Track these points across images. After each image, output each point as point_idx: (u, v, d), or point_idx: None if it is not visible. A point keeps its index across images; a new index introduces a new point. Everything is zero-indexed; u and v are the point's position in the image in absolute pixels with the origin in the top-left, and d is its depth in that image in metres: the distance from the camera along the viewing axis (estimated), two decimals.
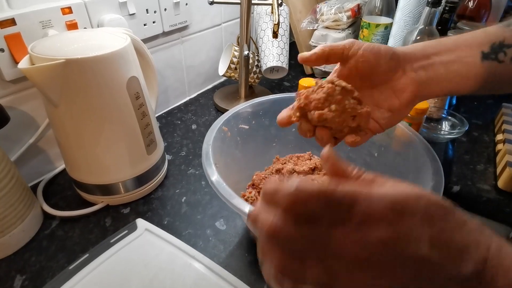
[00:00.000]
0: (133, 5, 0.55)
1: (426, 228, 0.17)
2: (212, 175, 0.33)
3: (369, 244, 0.17)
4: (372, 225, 0.17)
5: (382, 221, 0.17)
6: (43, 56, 0.36)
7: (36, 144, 0.50)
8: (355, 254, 0.17)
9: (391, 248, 0.16)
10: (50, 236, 0.44)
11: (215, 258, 0.41)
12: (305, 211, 0.17)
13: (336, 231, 0.17)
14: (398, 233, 0.16)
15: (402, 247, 0.16)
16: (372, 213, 0.17)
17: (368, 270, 0.17)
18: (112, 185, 0.46)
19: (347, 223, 0.17)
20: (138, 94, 0.43)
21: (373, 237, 0.16)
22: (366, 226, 0.17)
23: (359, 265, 0.17)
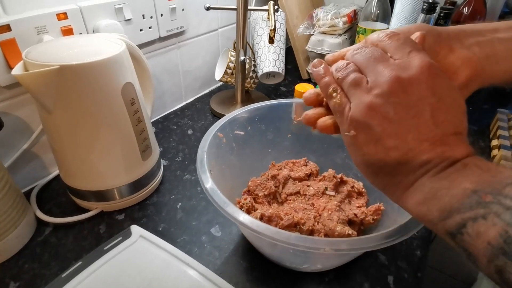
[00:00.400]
0: (129, 10, 0.55)
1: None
2: (206, 182, 0.33)
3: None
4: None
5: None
6: (37, 62, 0.36)
7: (30, 150, 0.50)
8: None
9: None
10: (44, 243, 0.43)
11: (210, 265, 0.40)
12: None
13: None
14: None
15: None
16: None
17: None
18: (107, 191, 0.46)
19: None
20: (133, 100, 0.43)
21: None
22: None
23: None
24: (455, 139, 0.22)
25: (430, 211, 0.21)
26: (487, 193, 0.19)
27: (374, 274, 0.40)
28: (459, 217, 0.19)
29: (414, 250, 0.43)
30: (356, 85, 0.24)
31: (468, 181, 0.20)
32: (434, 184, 0.21)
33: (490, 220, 0.18)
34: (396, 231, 0.28)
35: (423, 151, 0.22)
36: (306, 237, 0.28)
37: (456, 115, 0.22)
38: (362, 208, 0.42)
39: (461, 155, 0.21)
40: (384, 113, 0.22)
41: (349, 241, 0.27)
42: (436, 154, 0.21)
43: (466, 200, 0.19)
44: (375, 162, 0.23)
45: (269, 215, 0.38)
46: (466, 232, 0.19)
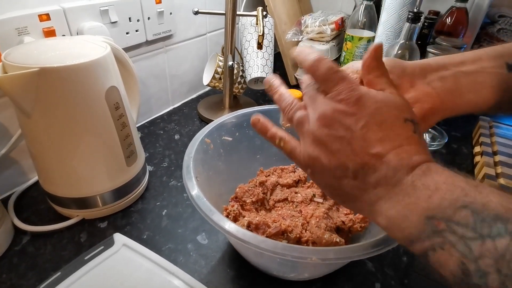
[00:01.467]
0: (115, 13, 0.54)
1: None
2: (192, 189, 0.33)
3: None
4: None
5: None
6: (16, 64, 0.34)
7: (8, 155, 0.48)
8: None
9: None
10: (21, 253, 0.41)
11: (196, 274, 0.39)
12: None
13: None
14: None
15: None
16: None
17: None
18: (89, 198, 0.44)
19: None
20: (117, 104, 0.42)
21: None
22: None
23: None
24: (394, 155, 0.22)
25: (396, 236, 0.22)
26: (440, 220, 0.19)
27: (361, 282, 0.40)
28: (420, 245, 0.20)
29: (401, 257, 0.43)
30: (301, 122, 0.26)
31: (420, 207, 0.20)
32: (390, 210, 0.22)
33: (447, 251, 0.18)
34: (382, 240, 0.28)
35: (368, 175, 0.22)
36: (293, 246, 0.27)
37: (390, 130, 0.22)
38: (350, 216, 0.42)
39: (406, 171, 0.21)
40: (325, 145, 0.24)
41: (336, 250, 0.27)
42: (381, 175, 0.22)
43: (422, 228, 0.20)
44: (336, 191, 0.25)
45: (257, 222, 0.37)
46: (430, 260, 0.20)
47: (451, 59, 0.31)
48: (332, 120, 0.23)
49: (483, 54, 0.31)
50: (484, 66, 0.30)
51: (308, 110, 0.26)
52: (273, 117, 0.50)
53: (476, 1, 0.82)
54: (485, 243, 0.17)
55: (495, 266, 0.17)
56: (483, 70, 0.30)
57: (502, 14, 0.90)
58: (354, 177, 0.23)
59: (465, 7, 0.77)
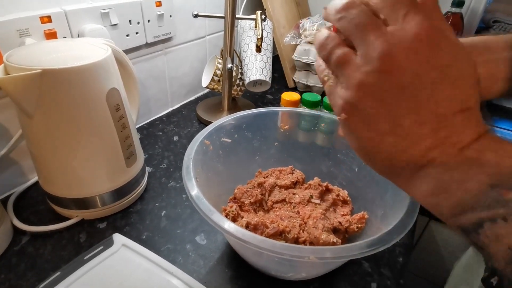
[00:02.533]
0: (116, 15, 0.54)
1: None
2: (192, 190, 0.33)
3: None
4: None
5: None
6: (18, 65, 0.35)
7: (7, 156, 0.48)
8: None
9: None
10: (20, 253, 0.41)
11: (195, 274, 0.40)
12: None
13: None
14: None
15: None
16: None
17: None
18: (89, 198, 0.44)
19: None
20: (118, 106, 0.42)
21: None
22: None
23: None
24: (462, 119, 0.19)
25: (439, 206, 0.19)
26: (508, 189, 0.16)
27: (358, 282, 0.40)
28: (475, 216, 0.17)
29: (397, 257, 0.43)
30: (343, 63, 0.21)
31: (484, 173, 0.17)
32: (443, 175, 0.19)
33: (511, 223, 0.16)
34: (379, 239, 0.28)
35: (424, 137, 0.19)
36: (291, 245, 0.28)
37: (462, 88, 0.19)
38: (347, 216, 0.43)
39: (471, 137, 0.19)
40: (376, 94, 0.19)
41: (333, 249, 0.27)
42: (440, 139, 0.19)
43: (482, 197, 0.17)
44: (370, 149, 0.21)
45: (255, 223, 0.38)
46: (483, 232, 0.17)
47: (496, 42, 0.28)
48: (399, 62, 0.18)
49: (490, 42, 0.29)
50: (504, 56, 0.28)
51: (356, 44, 0.20)
52: (272, 119, 0.51)
53: (472, 6, 0.83)
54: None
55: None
56: (504, 58, 0.28)
57: (496, 20, 0.91)
58: (405, 136, 0.19)
59: (461, 12, 0.78)
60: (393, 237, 0.28)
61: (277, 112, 0.51)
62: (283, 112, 0.51)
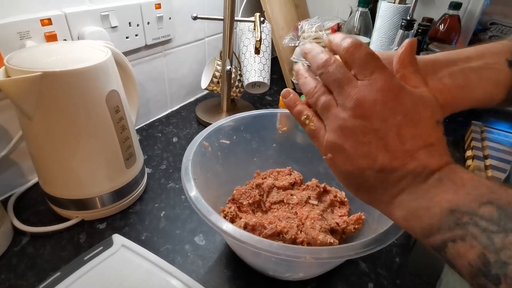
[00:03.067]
0: (116, 18, 0.55)
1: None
2: (190, 191, 0.33)
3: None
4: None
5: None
6: (19, 68, 0.35)
7: (8, 157, 0.48)
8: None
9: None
10: (20, 253, 0.42)
11: (194, 274, 0.40)
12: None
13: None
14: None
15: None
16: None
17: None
18: (88, 199, 0.45)
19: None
20: (118, 107, 0.43)
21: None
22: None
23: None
24: (426, 153, 0.22)
25: (413, 228, 0.22)
26: (463, 213, 0.19)
27: (355, 282, 0.41)
28: (439, 237, 0.20)
29: (394, 258, 0.44)
30: (327, 107, 0.25)
31: (445, 200, 0.20)
32: (412, 202, 0.22)
33: (468, 243, 0.19)
34: (375, 239, 0.29)
35: (395, 169, 0.22)
36: (288, 245, 0.28)
37: (423, 129, 0.23)
38: (344, 217, 0.43)
39: (434, 168, 0.22)
40: (354, 136, 0.23)
41: (329, 249, 0.28)
42: (408, 171, 0.22)
43: (444, 220, 0.20)
44: (353, 180, 0.25)
45: (253, 224, 0.38)
46: (448, 251, 0.20)
47: (459, 55, 0.31)
48: (370, 110, 0.23)
49: (485, 50, 0.31)
50: (488, 62, 0.30)
51: (335, 94, 0.25)
52: (270, 120, 0.52)
53: (469, 8, 0.84)
54: (508, 237, 0.17)
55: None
56: (487, 67, 0.30)
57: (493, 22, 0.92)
58: (380, 169, 0.23)
59: (458, 15, 0.79)
60: (389, 237, 0.29)
61: (275, 113, 0.51)
62: (282, 114, 0.51)
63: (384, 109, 0.22)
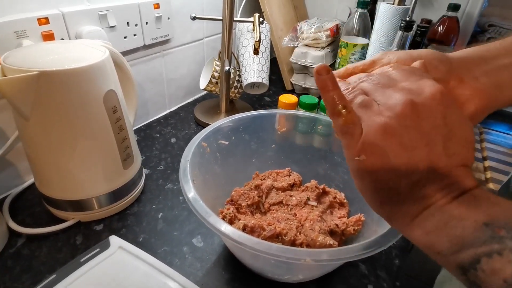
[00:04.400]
0: (114, 17, 0.54)
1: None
2: (188, 192, 0.33)
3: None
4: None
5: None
6: (15, 67, 0.35)
7: (3, 158, 0.48)
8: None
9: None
10: (16, 255, 0.41)
11: (192, 276, 0.40)
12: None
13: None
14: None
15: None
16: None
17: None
18: (85, 200, 0.44)
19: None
20: (115, 108, 0.42)
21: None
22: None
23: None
24: (463, 171, 0.22)
25: (440, 242, 0.20)
26: (501, 227, 0.18)
27: (354, 284, 0.40)
28: (472, 251, 0.19)
29: (393, 260, 0.44)
30: (366, 106, 0.23)
31: (481, 213, 0.19)
32: (444, 214, 0.21)
33: (506, 257, 0.18)
34: (375, 241, 0.28)
35: (434, 181, 0.21)
36: (287, 247, 0.28)
37: (465, 148, 0.22)
38: (344, 219, 0.43)
39: (470, 186, 0.21)
40: (399, 138, 0.21)
41: (329, 251, 0.28)
42: (446, 184, 0.21)
43: (479, 234, 0.19)
44: (384, 190, 0.22)
45: (252, 225, 0.38)
46: (480, 268, 0.18)
47: (487, 51, 0.29)
48: (422, 112, 0.21)
49: (508, 46, 0.29)
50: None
51: (375, 96, 0.23)
52: (269, 121, 0.51)
53: (467, 10, 0.84)
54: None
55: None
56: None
57: (492, 23, 0.92)
58: (418, 180, 0.21)
59: (456, 16, 0.79)
60: (388, 239, 0.28)
61: (274, 114, 0.51)
62: (281, 115, 0.51)
63: (435, 114, 0.21)
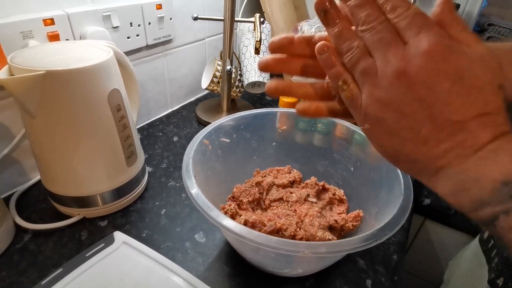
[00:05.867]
0: (117, 18, 0.55)
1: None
2: (191, 188, 0.34)
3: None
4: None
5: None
6: (23, 67, 0.36)
7: (10, 155, 0.49)
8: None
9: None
10: (22, 250, 0.42)
11: (194, 271, 0.41)
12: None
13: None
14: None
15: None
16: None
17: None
18: (90, 197, 0.45)
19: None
20: (119, 106, 0.43)
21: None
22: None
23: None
24: (477, 124, 0.20)
25: (460, 202, 0.21)
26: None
27: (353, 278, 0.41)
28: (490, 210, 0.19)
29: (391, 255, 0.44)
30: (366, 73, 0.22)
31: (497, 171, 0.19)
32: (459, 175, 0.20)
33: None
34: (372, 235, 0.29)
35: (441, 142, 0.20)
36: (287, 240, 0.29)
37: (478, 96, 0.20)
38: (343, 215, 0.44)
39: (486, 140, 0.20)
40: (395, 107, 0.21)
41: (327, 244, 0.28)
42: (456, 143, 0.20)
43: (496, 193, 0.19)
44: (393, 152, 0.23)
45: (253, 221, 0.39)
46: (498, 224, 0.19)
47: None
48: (413, 78, 0.20)
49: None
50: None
51: (377, 57, 0.22)
52: (270, 120, 0.52)
53: (467, 10, 0.85)
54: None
55: None
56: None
57: (491, 23, 0.93)
58: (423, 142, 0.21)
59: None
60: (385, 232, 0.29)
61: (275, 113, 0.52)
62: (281, 113, 0.52)
63: (430, 76, 0.20)
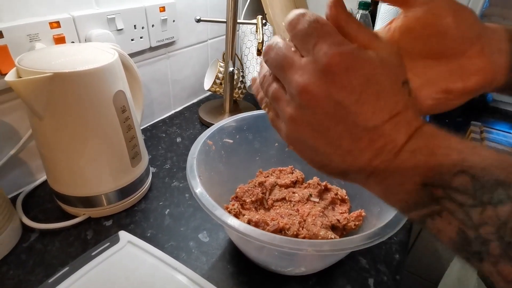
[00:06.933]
0: (121, 21, 0.56)
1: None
2: (196, 187, 0.35)
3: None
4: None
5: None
6: (30, 69, 0.36)
7: (17, 156, 0.50)
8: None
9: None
10: (29, 249, 0.43)
11: (198, 270, 0.41)
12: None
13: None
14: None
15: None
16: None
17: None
18: (95, 197, 0.46)
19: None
20: (124, 107, 0.44)
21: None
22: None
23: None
24: (391, 126, 0.19)
25: (392, 205, 0.21)
26: (437, 187, 0.18)
27: (355, 277, 0.41)
28: (417, 213, 0.19)
29: (393, 254, 0.45)
30: (276, 98, 0.22)
31: (417, 174, 0.19)
32: (386, 180, 0.20)
33: (446, 218, 0.18)
34: (374, 233, 0.30)
35: (363, 150, 0.20)
36: (290, 238, 0.29)
37: (386, 98, 0.19)
38: (345, 214, 0.44)
39: (403, 140, 0.20)
40: (308, 125, 0.21)
41: (330, 242, 0.29)
42: (377, 149, 0.20)
43: (419, 196, 0.19)
44: (324, 167, 0.23)
45: (256, 220, 0.39)
46: (428, 227, 0.19)
47: (495, 34, 0.25)
48: (317, 95, 0.19)
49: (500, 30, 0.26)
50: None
51: (282, 80, 0.21)
52: None
53: None
54: (486, 211, 0.16)
55: (497, 234, 0.16)
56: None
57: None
58: (347, 153, 0.20)
59: None
60: (387, 231, 0.30)
61: None
62: None
63: (334, 89, 0.19)
